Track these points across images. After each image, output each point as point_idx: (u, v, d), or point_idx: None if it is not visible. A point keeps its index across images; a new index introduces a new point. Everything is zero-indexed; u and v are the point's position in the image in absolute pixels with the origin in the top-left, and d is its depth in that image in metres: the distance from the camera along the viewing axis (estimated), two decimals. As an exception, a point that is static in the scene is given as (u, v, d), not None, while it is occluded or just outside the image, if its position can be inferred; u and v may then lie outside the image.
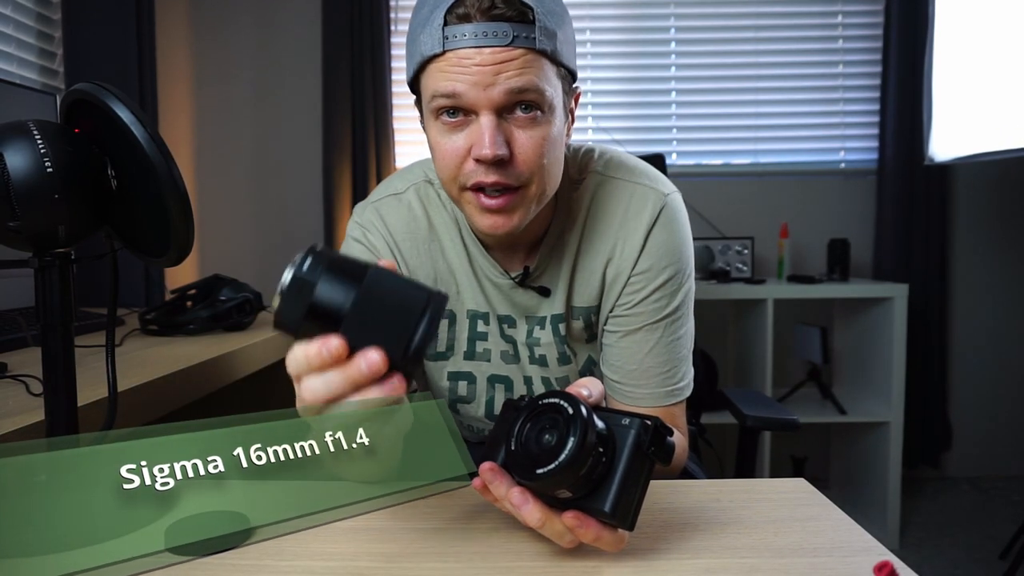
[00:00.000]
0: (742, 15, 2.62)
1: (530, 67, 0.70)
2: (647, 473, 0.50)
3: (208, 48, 2.62)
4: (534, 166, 0.73)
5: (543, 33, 0.70)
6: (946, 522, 2.37)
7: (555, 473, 0.47)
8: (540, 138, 0.73)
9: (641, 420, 0.50)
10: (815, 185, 2.65)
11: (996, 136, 2.06)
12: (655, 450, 0.50)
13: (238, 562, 0.52)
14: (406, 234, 0.88)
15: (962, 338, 2.67)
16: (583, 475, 0.48)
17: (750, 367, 2.42)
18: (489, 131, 0.70)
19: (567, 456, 0.47)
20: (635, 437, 0.50)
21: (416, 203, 0.89)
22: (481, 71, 0.68)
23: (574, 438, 0.48)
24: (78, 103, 0.58)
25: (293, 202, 2.65)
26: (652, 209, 0.84)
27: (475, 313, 0.89)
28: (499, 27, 0.68)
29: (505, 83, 0.69)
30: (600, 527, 0.50)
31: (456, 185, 0.75)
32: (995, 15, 2.07)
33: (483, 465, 0.53)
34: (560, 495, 0.50)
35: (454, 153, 0.73)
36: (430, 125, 0.76)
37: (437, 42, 0.69)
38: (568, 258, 0.86)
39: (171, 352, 1.13)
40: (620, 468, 0.49)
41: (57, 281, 0.58)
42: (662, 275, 0.84)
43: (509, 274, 0.87)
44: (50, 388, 0.59)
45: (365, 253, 0.88)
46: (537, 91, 0.71)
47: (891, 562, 0.48)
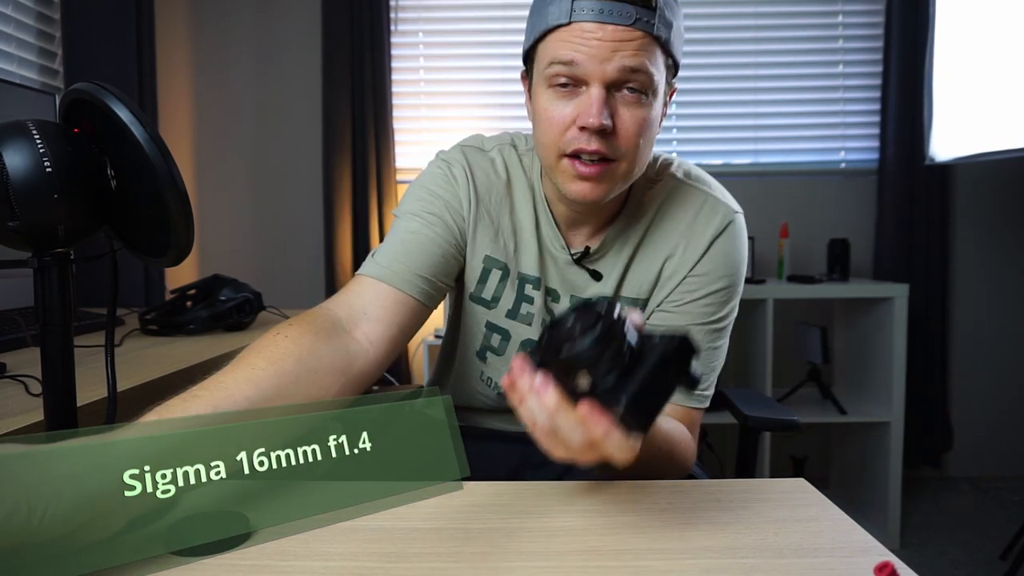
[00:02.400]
0: (742, 15, 2.62)
1: (644, 50, 0.74)
2: (667, 387, 0.51)
3: (208, 48, 2.62)
4: (631, 143, 0.77)
5: (662, 21, 0.74)
6: (946, 522, 2.37)
7: (581, 350, 0.49)
8: (641, 118, 0.77)
9: (672, 336, 0.51)
10: (815, 185, 2.65)
11: (996, 136, 2.06)
12: (681, 363, 0.50)
13: (238, 563, 0.52)
14: (484, 181, 0.92)
15: (962, 338, 2.67)
16: (606, 359, 0.49)
17: (750, 367, 2.42)
18: (598, 102, 0.74)
19: (596, 334, 0.49)
20: (664, 346, 0.50)
21: (499, 161, 0.93)
22: (600, 45, 0.73)
23: (603, 321, 0.50)
24: (77, 103, 0.58)
25: (293, 202, 2.65)
26: (721, 220, 0.88)
27: (525, 277, 0.92)
28: (624, 8, 0.73)
29: (620, 60, 0.73)
30: (610, 423, 0.50)
31: (556, 151, 0.79)
32: (995, 15, 2.07)
33: (514, 359, 0.55)
34: (580, 384, 0.50)
35: (561, 120, 0.77)
36: (540, 93, 0.79)
37: (564, 13, 0.74)
38: (628, 248, 0.89)
39: (171, 352, 1.13)
40: (642, 372, 0.49)
41: (56, 281, 0.58)
42: (717, 283, 0.87)
43: (569, 250, 0.90)
44: (49, 388, 0.59)
45: (445, 175, 0.90)
46: (647, 73, 0.75)
47: (892, 562, 0.48)
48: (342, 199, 2.50)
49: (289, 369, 0.68)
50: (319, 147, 2.55)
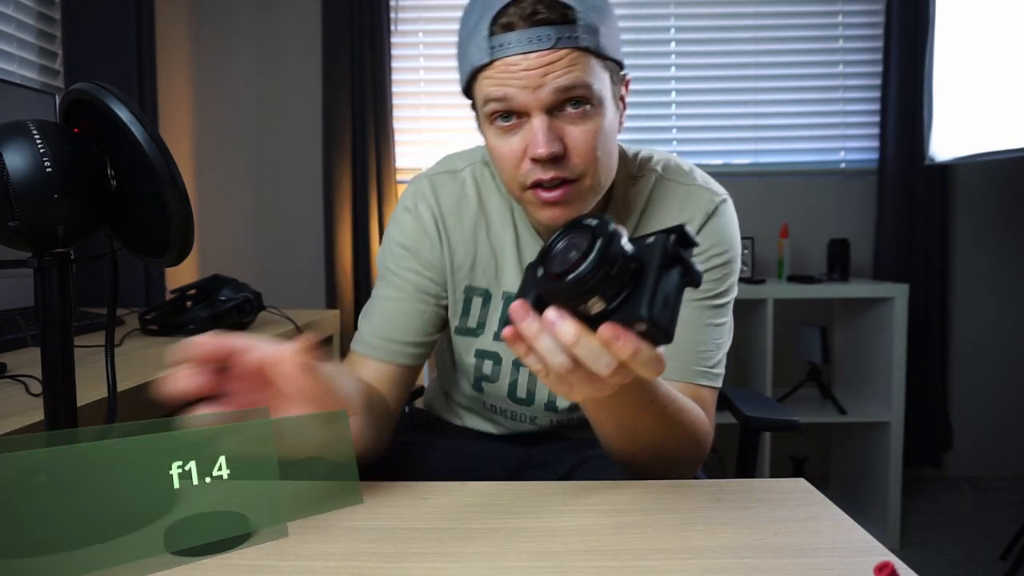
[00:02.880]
0: (742, 15, 2.62)
1: (575, 65, 0.72)
2: (679, 283, 0.49)
3: (208, 48, 2.62)
4: (588, 158, 0.76)
5: (585, 31, 0.72)
6: (946, 522, 2.37)
7: (585, 272, 0.47)
8: (592, 131, 0.75)
9: (666, 232, 0.49)
10: (815, 185, 2.65)
11: (996, 136, 2.06)
12: (684, 258, 0.49)
13: (238, 563, 0.52)
14: (453, 210, 0.91)
15: (962, 338, 2.67)
16: (614, 276, 0.48)
17: (750, 367, 2.42)
18: (542, 131, 0.73)
19: (596, 254, 0.47)
20: (663, 246, 0.49)
21: (470, 182, 0.92)
22: (528, 75, 0.72)
23: (602, 238, 0.48)
24: (77, 103, 0.58)
25: (293, 202, 2.65)
26: (707, 205, 0.88)
27: (510, 295, 0.91)
28: (542, 31, 0.71)
29: (552, 83, 0.72)
30: (637, 339, 0.49)
31: (517, 185, 0.79)
32: (995, 15, 2.07)
33: (513, 304, 0.53)
34: (593, 308, 0.49)
35: (511, 155, 0.77)
36: (486, 130, 0.79)
37: (485, 52, 0.73)
38: None
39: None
40: (651, 275, 0.48)
41: (56, 281, 0.58)
42: (714, 259, 0.86)
43: None
44: (49, 388, 0.59)
45: (412, 222, 0.91)
46: (584, 86, 0.73)
47: (891, 562, 0.48)
48: (342, 199, 2.50)
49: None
50: (319, 147, 2.55)
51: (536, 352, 0.53)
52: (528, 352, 0.53)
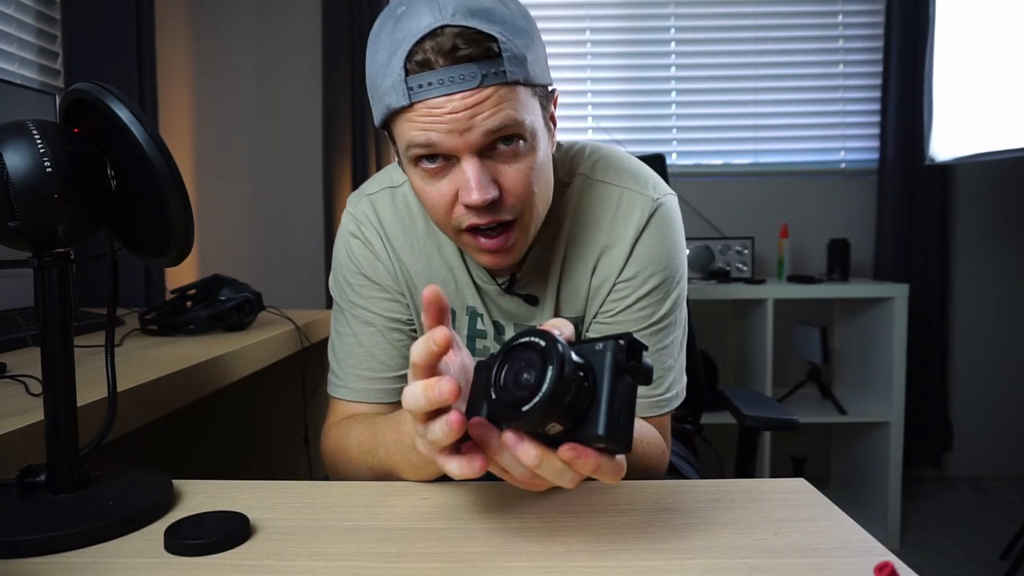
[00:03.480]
0: (742, 15, 2.62)
1: (505, 101, 0.66)
2: (631, 393, 0.49)
3: (208, 48, 2.62)
4: (525, 197, 0.71)
5: (512, 62, 0.66)
6: (946, 522, 2.37)
7: (541, 404, 0.47)
8: (527, 169, 0.70)
9: (615, 340, 0.49)
10: (815, 185, 2.66)
11: (996, 136, 2.06)
12: (634, 365, 0.49)
13: (238, 562, 0.52)
14: (400, 230, 0.86)
15: (962, 338, 2.67)
16: (569, 403, 0.47)
17: (750, 367, 2.42)
18: (475, 176, 0.67)
19: (549, 385, 0.47)
20: (612, 357, 0.48)
21: (412, 197, 0.86)
22: (454, 118, 0.65)
23: (553, 366, 0.47)
24: (77, 103, 0.58)
25: (293, 202, 2.65)
26: (641, 215, 0.81)
27: (474, 311, 0.88)
28: (466, 70, 0.64)
29: (482, 125, 0.65)
30: (597, 455, 0.49)
31: (451, 229, 0.73)
32: (995, 16, 2.07)
33: (472, 421, 0.51)
34: (551, 431, 0.49)
35: (441, 200, 0.71)
36: (410, 171, 0.72)
37: (402, 95, 0.65)
38: (555, 266, 0.84)
39: (171, 352, 1.13)
40: (604, 391, 0.48)
41: (56, 281, 0.58)
42: (649, 282, 0.82)
43: (496, 280, 0.85)
44: (49, 388, 0.59)
45: (362, 248, 0.87)
46: (516, 124, 0.67)
47: (891, 562, 0.48)
48: (342, 199, 2.50)
49: None
50: (319, 147, 2.55)
51: (496, 463, 0.52)
52: (489, 461, 0.52)
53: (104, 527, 0.55)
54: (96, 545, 0.54)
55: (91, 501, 0.58)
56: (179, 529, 0.54)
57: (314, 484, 0.69)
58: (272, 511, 0.61)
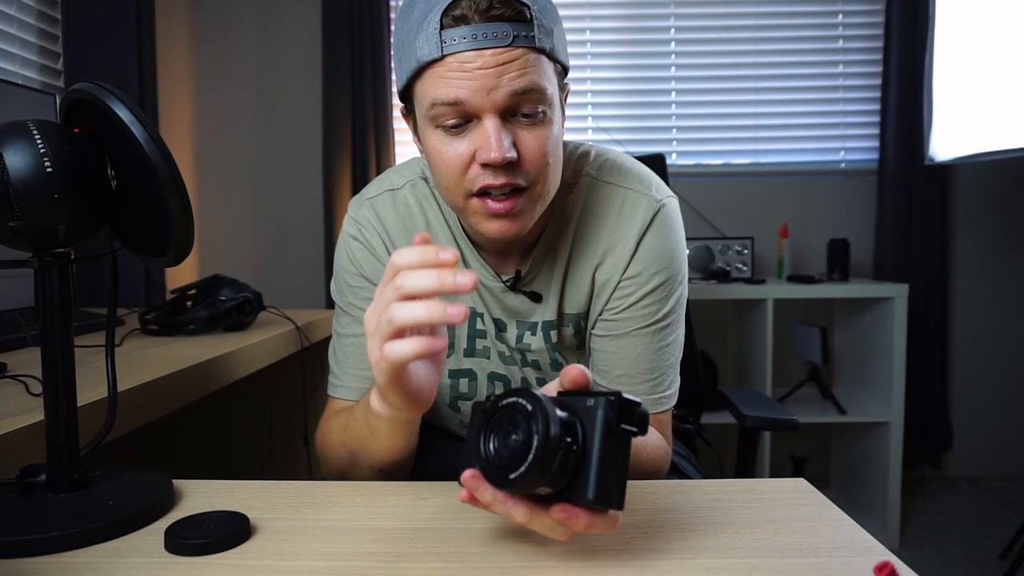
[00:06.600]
0: (742, 15, 2.62)
1: (532, 66, 0.68)
2: (624, 448, 0.49)
3: (208, 48, 2.62)
4: (541, 165, 0.72)
5: (541, 31, 0.69)
6: (946, 522, 2.37)
7: (527, 475, 0.47)
8: (545, 137, 0.72)
9: (606, 398, 0.49)
10: (815, 185, 2.66)
11: (996, 136, 2.06)
12: (627, 424, 0.48)
13: (238, 562, 0.52)
14: (402, 232, 0.87)
15: (962, 338, 2.67)
16: (556, 469, 0.47)
17: (750, 367, 2.42)
18: (496, 134, 0.68)
19: (535, 456, 0.46)
20: (603, 416, 0.48)
21: (412, 199, 0.88)
22: (484, 74, 0.67)
23: (538, 435, 0.47)
24: (78, 103, 0.58)
25: (293, 202, 2.65)
26: (644, 215, 0.83)
27: (473, 310, 0.88)
28: (499, 27, 0.66)
29: (509, 85, 0.67)
30: (589, 515, 0.49)
31: (461, 192, 0.73)
32: (995, 15, 2.07)
33: (464, 474, 0.52)
34: (541, 492, 0.49)
35: (458, 160, 0.71)
36: (428, 134, 0.73)
37: (435, 47, 0.67)
38: (560, 263, 0.85)
39: (171, 352, 1.13)
40: (595, 451, 0.48)
41: (57, 281, 0.58)
42: (653, 280, 0.83)
43: (501, 277, 0.86)
44: (50, 388, 0.59)
45: (363, 251, 0.88)
46: (539, 90, 0.69)
47: (891, 562, 0.48)
48: (342, 199, 2.50)
49: None
50: (319, 147, 2.55)
51: (495, 510, 0.52)
52: (487, 508, 0.52)
53: (104, 527, 0.55)
54: (96, 545, 0.54)
55: (91, 501, 0.58)
56: (179, 529, 0.54)
57: (314, 484, 0.69)
58: (272, 511, 0.61)
